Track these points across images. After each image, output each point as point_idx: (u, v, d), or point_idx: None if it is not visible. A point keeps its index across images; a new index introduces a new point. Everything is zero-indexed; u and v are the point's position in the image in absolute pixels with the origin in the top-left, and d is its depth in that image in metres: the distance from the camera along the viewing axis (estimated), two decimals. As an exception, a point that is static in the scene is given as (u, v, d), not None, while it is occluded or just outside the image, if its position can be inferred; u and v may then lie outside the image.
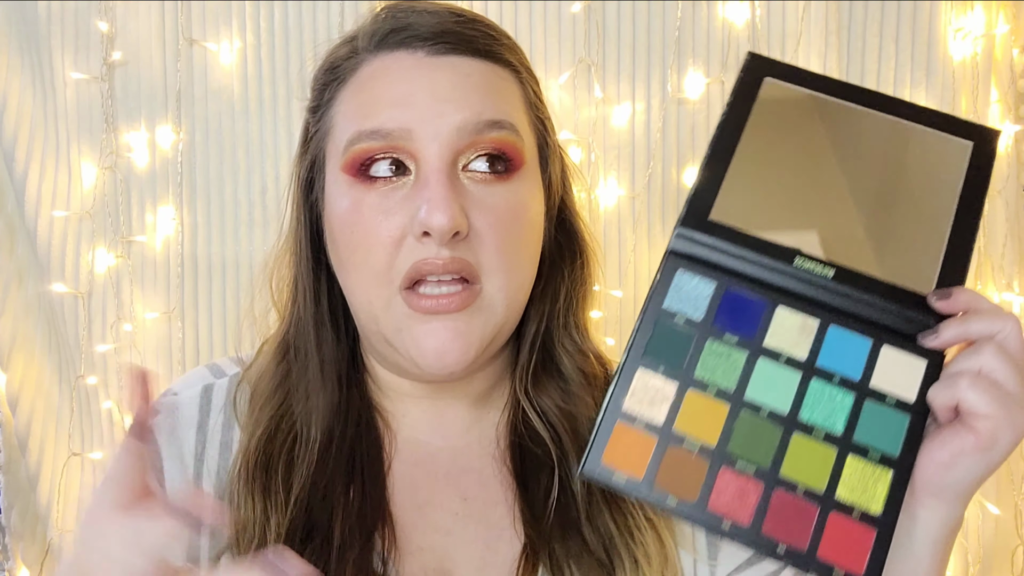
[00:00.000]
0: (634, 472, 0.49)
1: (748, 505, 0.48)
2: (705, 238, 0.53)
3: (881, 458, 0.49)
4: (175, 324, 1.23)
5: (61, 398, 1.25)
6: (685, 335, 0.52)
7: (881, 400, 0.50)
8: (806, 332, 0.52)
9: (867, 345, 0.51)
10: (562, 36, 1.19)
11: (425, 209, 0.55)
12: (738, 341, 0.52)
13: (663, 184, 1.20)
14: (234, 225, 1.23)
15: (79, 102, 1.21)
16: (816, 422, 0.50)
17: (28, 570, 1.25)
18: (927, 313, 0.51)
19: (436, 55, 0.58)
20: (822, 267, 0.52)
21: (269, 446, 0.62)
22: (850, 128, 0.56)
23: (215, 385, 0.67)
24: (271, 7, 1.20)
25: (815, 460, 0.49)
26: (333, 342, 0.65)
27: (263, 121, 1.21)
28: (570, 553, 0.60)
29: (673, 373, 0.51)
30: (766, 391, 0.51)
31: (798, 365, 0.51)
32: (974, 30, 1.13)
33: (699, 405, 0.50)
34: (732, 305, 0.53)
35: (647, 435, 0.50)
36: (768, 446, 0.49)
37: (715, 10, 1.17)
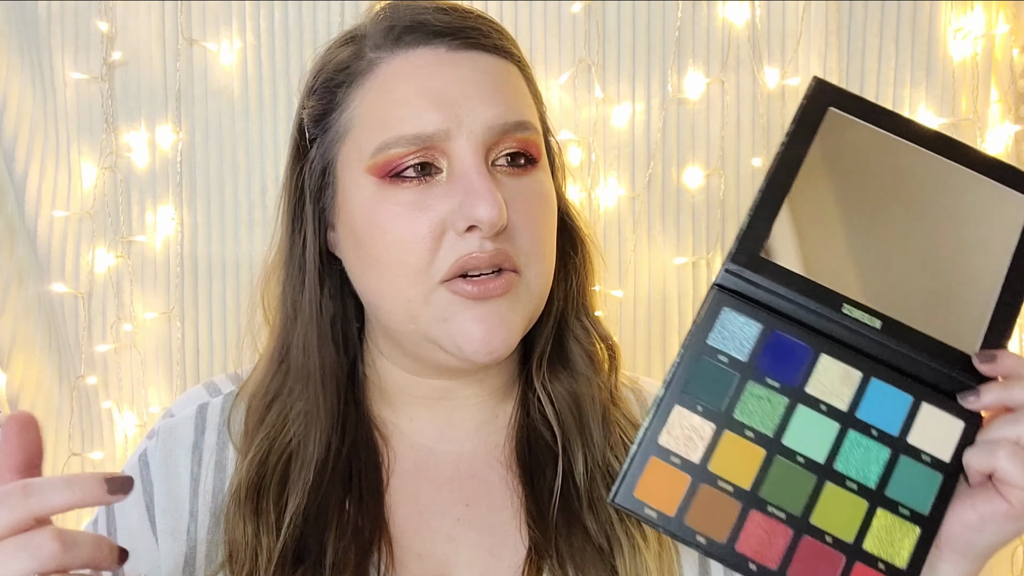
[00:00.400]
0: (665, 508, 0.50)
1: (776, 549, 0.49)
2: (754, 276, 0.53)
3: (911, 515, 0.49)
4: (175, 324, 1.23)
5: (61, 398, 1.25)
6: (727, 375, 0.52)
7: (916, 457, 0.50)
8: (848, 383, 0.52)
9: (907, 401, 0.51)
10: (562, 36, 1.19)
11: (472, 204, 0.56)
12: (780, 387, 0.52)
13: (663, 184, 1.20)
14: (234, 225, 1.23)
15: (79, 102, 1.21)
16: (850, 473, 0.50)
17: (28, 570, 1.25)
18: (969, 373, 0.51)
19: (456, 50, 0.59)
20: (869, 317, 0.52)
21: (262, 468, 0.61)
22: (910, 170, 0.55)
23: (210, 404, 0.67)
24: (271, 7, 1.20)
25: (846, 510, 0.50)
26: (334, 357, 0.64)
27: (263, 121, 1.21)
28: (574, 551, 0.60)
29: (712, 413, 0.51)
30: (803, 439, 0.51)
31: (837, 415, 0.51)
32: (974, 30, 1.13)
33: (735, 447, 0.51)
34: (776, 348, 0.53)
35: (681, 472, 0.50)
36: (801, 493, 0.50)
37: (715, 10, 1.17)
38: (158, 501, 0.63)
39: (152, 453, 0.65)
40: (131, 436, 1.24)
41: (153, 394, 1.24)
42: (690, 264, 1.20)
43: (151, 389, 1.24)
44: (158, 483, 0.64)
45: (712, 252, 1.20)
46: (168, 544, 0.62)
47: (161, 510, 0.63)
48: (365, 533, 0.60)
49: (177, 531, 0.63)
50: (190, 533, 0.62)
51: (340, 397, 0.63)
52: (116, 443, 1.25)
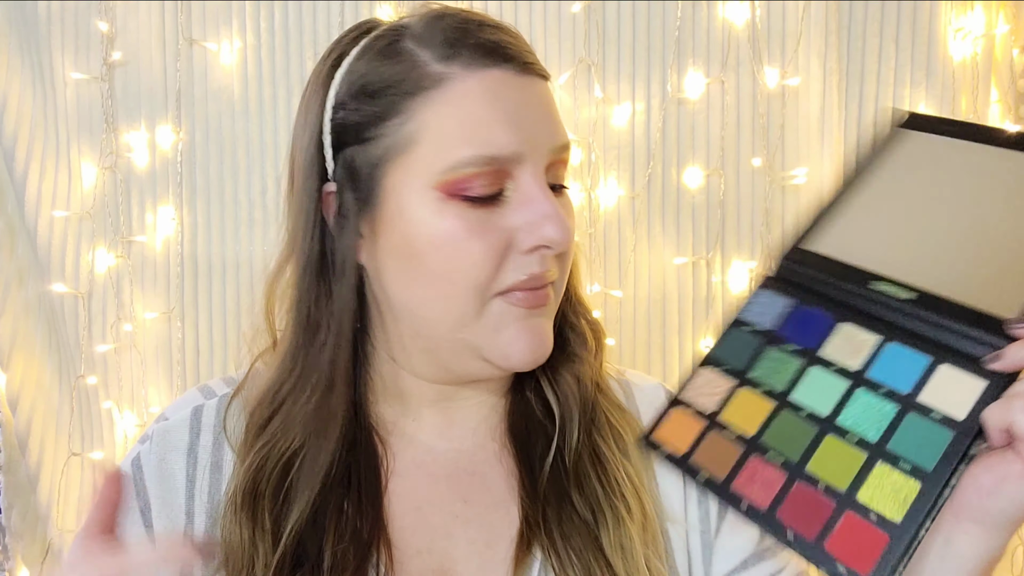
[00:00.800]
0: (677, 448, 0.55)
1: (769, 491, 0.50)
2: (796, 266, 0.57)
3: (912, 469, 0.48)
4: (175, 324, 1.23)
5: (61, 398, 1.25)
6: (750, 341, 0.57)
7: (925, 414, 0.49)
8: (865, 346, 0.53)
9: (925, 362, 0.51)
10: (562, 36, 1.19)
11: (542, 225, 0.58)
12: (796, 349, 0.55)
13: (663, 184, 1.20)
14: (234, 225, 1.23)
15: (79, 102, 1.21)
16: (852, 427, 0.50)
17: (28, 570, 1.25)
18: (1002, 338, 0.49)
19: (521, 75, 0.60)
20: (900, 289, 0.52)
21: (259, 474, 0.61)
22: (974, 167, 0.56)
23: (205, 406, 0.67)
24: (271, 7, 1.20)
25: (843, 461, 0.50)
26: (349, 363, 0.63)
27: (263, 121, 1.22)
28: (563, 523, 0.62)
29: (732, 372, 0.56)
30: (811, 395, 0.53)
31: (848, 374, 0.52)
32: (974, 30, 1.13)
33: (747, 401, 0.54)
34: (800, 319, 0.56)
35: (696, 420, 0.55)
36: (800, 442, 0.51)
37: (715, 10, 1.17)
38: (154, 504, 0.63)
39: (146, 457, 0.65)
40: (131, 436, 1.24)
41: (153, 394, 1.24)
42: (690, 264, 1.20)
43: (151, 389, 1.24)
44: (153, 487, 0.64)
45: (712, 252, 1.20)
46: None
47: (157, 513, 0.63)
48: (364, 535, 0.60)
49: (174, 533, 0.63)
50: (187, 534, 0.62)
51: (348, 402, 0.63)
52: (116, 443, 1.25)
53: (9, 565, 1.24)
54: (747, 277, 1.19)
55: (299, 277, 0.63)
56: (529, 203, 0.59)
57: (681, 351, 1.21)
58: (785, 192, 1.18)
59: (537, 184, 0.59)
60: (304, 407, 0.62)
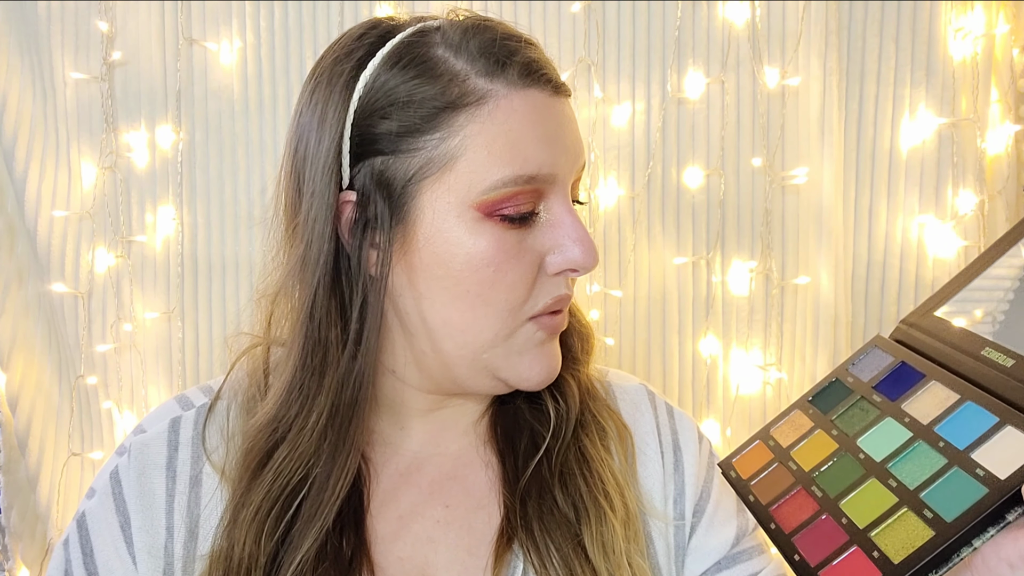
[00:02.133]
0: (744, 474, 0.59)
1: (797, 518, 0.53)
2: (916, 330, 0.60)
3: (932, 518, 0.47)
4: (175, 324, 1.23)
5: (61, 398, 1.25)
6: (846, 390, 0.60)
7: (970, 470, 0.48)
8: (944, 403, 0.53)
9: (991, 421, 0.50)
10: (562, 36, 1.19)
11: (572, 248, 0.59)
12: (879, 401, 0.56)
13: (663, 184, 1.20)
14: (234, 225, 1.23)
15: (79, 102, 1.21)
16: (898, 474, 0.51)
17: (28, 570, 1.25)
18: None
19: (555, 95, 0.61)
20: (1004, 357, 0.53)
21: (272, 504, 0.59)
22: None
23: (182, 418, 0.65)
24: (271, 7, 1.20)
25: (874, 503, 0.51)
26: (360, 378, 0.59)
27: (263, 121, 1.21)
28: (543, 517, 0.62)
29: (817, 416, 0.59)
30: (875, 442, 0.54)
31: (915, 427, 0.53)
32: (974, 30, 1.13)
33: (819, 442, 0.57)
34: (898, 375, 0.58)
35: (769, 452, 0.60)
36: (845, 481, 0.53)
37: (715, 10, 1.17)
38: (134, 520, 0.62)
39: (124, 471, 0.63)
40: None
41: (153, 394, 1.24)
42: (690, 264, 1.20)
43: (151, 389, 1.24)
44: (132, 501, 0.63)
45: (712, 252, 1.20)
46: (145, 562, 0.62)
47: (137, 528, 0.62)
48: (346, 559, 0.60)
49: (154, 548, 0.62)
50: (167, 549, 0.62)
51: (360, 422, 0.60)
52: (116, 443, 1.25)
53: (9, 565, 1.24)
54: (747, 277, 1.19)
55: (310, 291, 0.58)
56: (559, 225, 0.60)
57: (681, 351, 1.21)
58: (785, 192, 1.18)
59: (566, 205, 0.60)
60: (312, 434, 0.59)
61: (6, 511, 1.24)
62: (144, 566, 0.62)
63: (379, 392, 0.65)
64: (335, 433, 0.59)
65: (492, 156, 0.56)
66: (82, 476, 1.25)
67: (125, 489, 0.63)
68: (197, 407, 0.66)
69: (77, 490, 1.25)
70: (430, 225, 0.57)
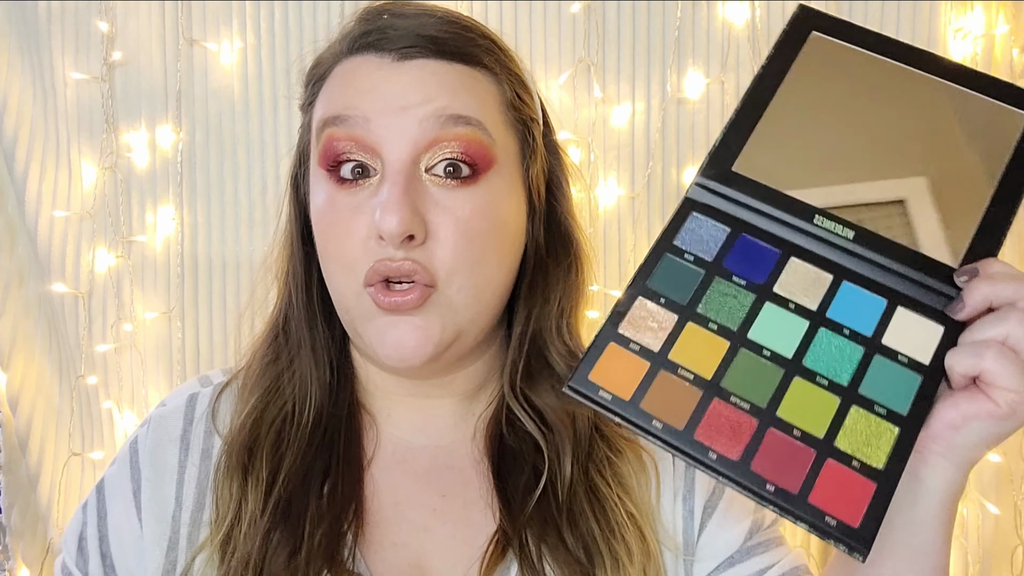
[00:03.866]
0: (621, 392, 0.48)
1: (739, 439, 0.46)
2: (724, 189, 0.53)
3: (888, 414, 0.47)
4: (175, 324, 1.23)
5: (61, 398, 1.25)
6: (692, 272, 0.51)
7: (892, 357, 0.48)
8: (818, 284, 0.51)
9: (881, 304, 0.50)
10: (562, 36, 1.19)
11: (379, 212, 0.56)
12: (746, 284, 0.51)
13: (663, 184, 1.20)
14: (234, 225, 1.23)
15: (79, 102, 1.21)
16: (820, 370, 0.48)
17: (28, 570, 1.25)
18: (949, 284, 0.49)
19: (404, 59, 0.59)
20: (843, 227, 0.51)
21: (256, 426, 0.63)
22: (895, 88, 0.54)
23: (200, 394, 0.68)
24: (271, 7, 1.20)
25: (816, 406, 0.47)
26: (325, 332, 0.67)
27: (263, 121, 1.21)
28: (546, 543, 0.60)
29: (675, 306, 0.50)
30: (770, 334, 0.49)
31: (807, 313, 0.50)
32: (974, 30, 1.13)
33: (698, 338, 0.49)
34: (744, 250, 0.52)
35: (640, 359, 0.49)
36: (767, 385, 0.48)
37: (715, 10, 1.17)
38: (144, 488, 0.65)
39: (142, 441, 0.67)
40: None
41: (153, 394, 1.24)
42: (690, 264, 1.20)
43: (151, 389, 1.24)
44: (145, 470, 0.65)
45: (712, 252, 1.20)
46: (152, 528, 0.64)
47: (147, 497, 0.64)
48: (340, 511, 0.61)
49: (162, 517, 0.64)
50: (175, 519, 0.64)
51: (332, 372, 0.66)
52: (116, 443, 1.25)
53: (9, 565, 1.24)
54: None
55: (284, 250, 0.68)
56: (381, 186, 0.58)
57: (681, 351, 1.21)
58: (785, 192, 1.18)
59: (392, 168, 0.57)
60: (291, 367, 0.65)
61: (7, 510, 1.25)
62: (150, 532, 0.63)
63: (362, 374, 0.68)
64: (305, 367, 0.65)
65: (319, 111, 0.62)
66: (82, 476, 1.25)
67: (141, 458, 0.66)
68: (215, 384, 0.69)
69: (77, 490, 1.25)
70: (311, 186, 0.64)
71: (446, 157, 0.57)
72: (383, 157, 0.58)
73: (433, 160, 0.58)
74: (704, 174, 0.53)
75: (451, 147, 0.57)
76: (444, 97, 0.58)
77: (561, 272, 0.67)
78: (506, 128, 0.62)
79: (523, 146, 0.64)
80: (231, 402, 0.67)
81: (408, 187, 0.56)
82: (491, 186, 0.60)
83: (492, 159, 0.59)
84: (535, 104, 0.67)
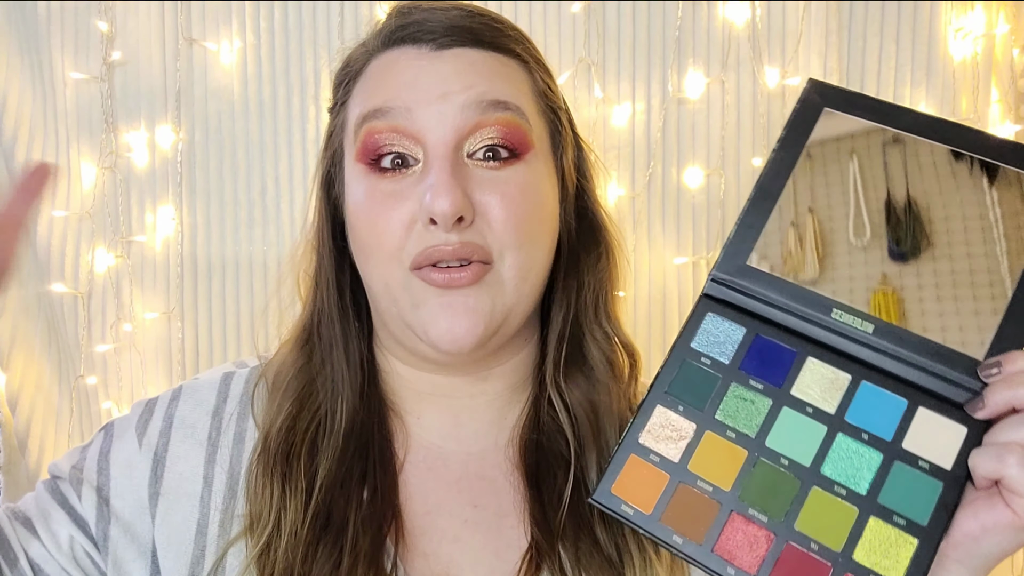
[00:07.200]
0: (643, 505, 0.48)
1: (756, 554, 0.46)
2: (740, 283, 0.52)
3: (907, 524, 0.46)
4: (175, 324, 1.23)
5: (61, 398, 1.25)
6: (710, 377, 0.51)
7: (913, 463, 0.47)
8: (836, 386, 0.49)
9: (902, 405, 0.48)
10: (562, 36, 1.19)
11: (429, 195, 0.56)
12: (764, 388, 0.50)
13: (663, 184, 1.20)
14: (234, 225, 1.23)
15: (79, 102, 1.21)
16: (839, 478, 0.47)
17: (28, 570, 1.25)
18: (973, 377, 0.47)
19: (441, 49, 0.60)
20: (861, 321, 0.49)
21: (291, 434, 0.62)
22: (910, 164, 0.51)
23: (235, 374, 0.68)
24: (271, 7, 1.20)
25: (833, 517, 0.46)
26: (356, 333, 0.66)
27: (263, 121, 1.21)
28: (579, 553, 0.59)
29: (693, 413, 0.50)
30: (788, 441, 0.48)
31: (825, 418, 0.49)
32: (974, 30, 1.13)
33: (716, 447, 0.49)
34: (761, 352, 0.51)
35: (660, 471, 0.49)
36: (784, 497, 0.47)
37: (715, 10, 1.17)
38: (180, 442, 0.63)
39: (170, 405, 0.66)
40: (131, 436, 1.23)
41: (153, 394, 1.24)
42: (690, 264, 1.20)
43: (151, 389, 1.24)
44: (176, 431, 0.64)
45: (712, 252, 1.20)
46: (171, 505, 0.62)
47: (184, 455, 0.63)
48: (379, 517, 0.60)
49: (190, 495, 0.62)
50: (203, 500, 0.62)
51: (364, 375, 0.65)
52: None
53: (9, 565, 1.24)
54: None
55: (312, 250, 0.68)
56: (427, 174, 0.58)
57: (681, 351, 1.21)
58: (785, 192, 1.18)
59: (438, 152, 0.58)
60: (323, 372, 0.64)
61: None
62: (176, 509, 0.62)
63: (387, 372, 0.67)
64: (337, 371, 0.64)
65: (356, 106, 0.62)
66: (82, 476, 1.25)
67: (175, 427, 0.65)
68: (251, 367, 0.68)
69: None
70: (346, 184, 0.64)
71: (488, 141, 0.59)
72: (426, 144, 0.58)
73: (475, 145, 0.59)
74: (719, 268, 0.53)
75: (492, 131, 0.59)
76: (483, 83, 0.59)
77: (592, 260, 0.68)
78: (539, 115, 0.63)
79: (554, 134, 0.65)
80: (263, 397, 0.66)
81: (455, 170, 0.57)
82: (530, 166, 0.61)
83: (530, 143, 0.61)
84: (561, 95, 0.67)
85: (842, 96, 0.54)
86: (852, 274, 0.51)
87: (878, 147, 0.53)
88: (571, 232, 0.67)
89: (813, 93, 0.54)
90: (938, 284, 0.50)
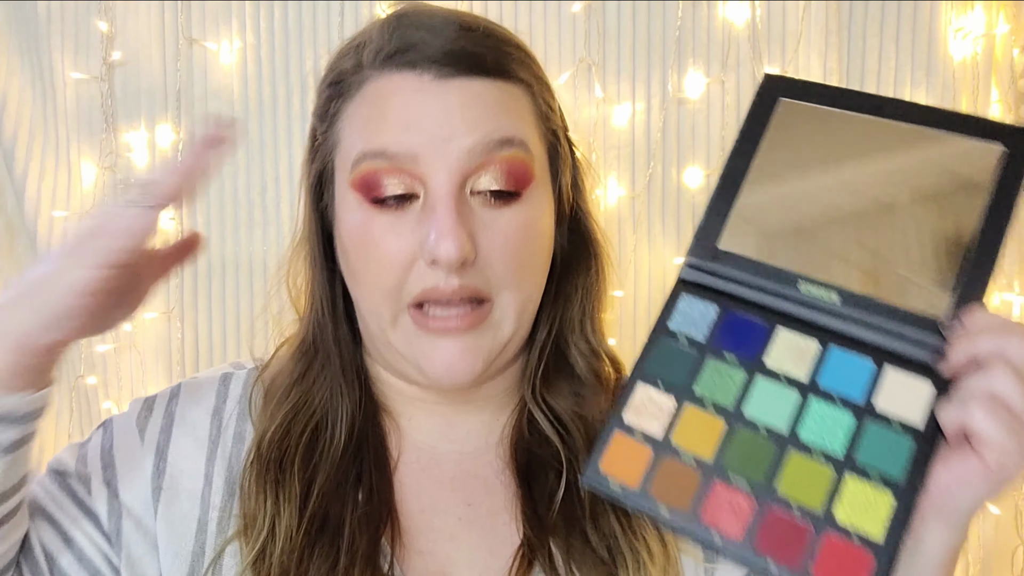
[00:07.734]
0: (630, 481, 0.50)
1: (741, 520, 0.47)
2: (712, 266, 0.54)
3: (884, 481, 0.47)
4: (175, 324, 1.23)
5: (61, 398, 1.24)
6: (686, 354, 0.53)
7: (885, 423, 0.49)
8: (807, 354, 0.51)
9: (869, 367, 0.50)
10: (562, 36, 1.19)
11: (434, 237, 0.56)
12: (738, 360, 0.52)
13: (663, 184, 1.20)
14: (234, 225, 1.23)
15: (79, 102, 1.21)
16: (815, 442, 0.49)
17: (28, 570, 1.25)
18: (938, 336, 0.49)
19: (444, 78, 0.58)
20: (827, 292, 0.51)
21: (284, 442, 0.62)
22: (868, 142, 0.54)
23: (234, 375, 0.67)
24: (271, 7, 1.20)
25: (812, 479, 0.48)
26: (350, 342, 0.66)
27: (263, 121, 1.21)
28: (571, 550, 0.60)
29: (672, 388, 0.52)
30: (764, 409, 0.50)
31: (797, 385, 0.51)
32: (974, 30, 1.13)
33: (696, 420, 0.51)
34: (734, 327, 0.53)
35: (644, 446, 0.51)
36: (763, 462, 0.49)
37: (715, 10, 1.17)
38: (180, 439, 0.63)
39: (169, 402, 0.65)
40: (131, 436, 1.23)
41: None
42: (690, 264, 1.20)
43: (151, 389, 1.24)
44: (176, 427, 0.64)
45: (712, 252, 1.20)
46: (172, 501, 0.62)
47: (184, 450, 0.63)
48: (375, 519, 0.60)
49: (190, 492, 0.62)
50: (204, 497, 0.62)
51: (360, 384, 0.65)
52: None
53: (9, 565, 1.24)
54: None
55: (305, 259, 0.67)
56: (429, 212, 0.57)
57: (681, 351, 1.21)
58: (785, 192, 1.18)
59: (441, 192, 0.57)
60: (319, 381, 0.64)
61: (6, 511, 1.24)
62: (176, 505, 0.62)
63: (380, 377, 0.67)
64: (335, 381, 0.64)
65: (355, 134, 0.60)
66: (82, 476, 1.25)
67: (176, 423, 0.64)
68: (248, 369, 0.68)
69: (77, 490, 1.25)
70: (337, 203, 0.62)
71: (493, 184, 0.58)
72: (428, 185, 0.57)
73: (478, 183, 0.58)
74: (692, 253, 0.55)
75: (497, 171, 0.58)
76: (488, 122, 0.58)
77: (582, 273, 0.68)
78: (540, 140, 0.62)
79: (553, 157, 0.64)
80: (259, 402, 0.66)
81: (460, 211, 0.57)
82: (531, 202, 0.60)
83: (532, 176, 0.60)
84: (558, 110, 0.67)
85: (797, 86, 0.56)
86: (819, 248, 0.53)
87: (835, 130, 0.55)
88: (563, 248, 0.67)
89: (768, 85, 0.57)
90: (903, 248, 0.52)
